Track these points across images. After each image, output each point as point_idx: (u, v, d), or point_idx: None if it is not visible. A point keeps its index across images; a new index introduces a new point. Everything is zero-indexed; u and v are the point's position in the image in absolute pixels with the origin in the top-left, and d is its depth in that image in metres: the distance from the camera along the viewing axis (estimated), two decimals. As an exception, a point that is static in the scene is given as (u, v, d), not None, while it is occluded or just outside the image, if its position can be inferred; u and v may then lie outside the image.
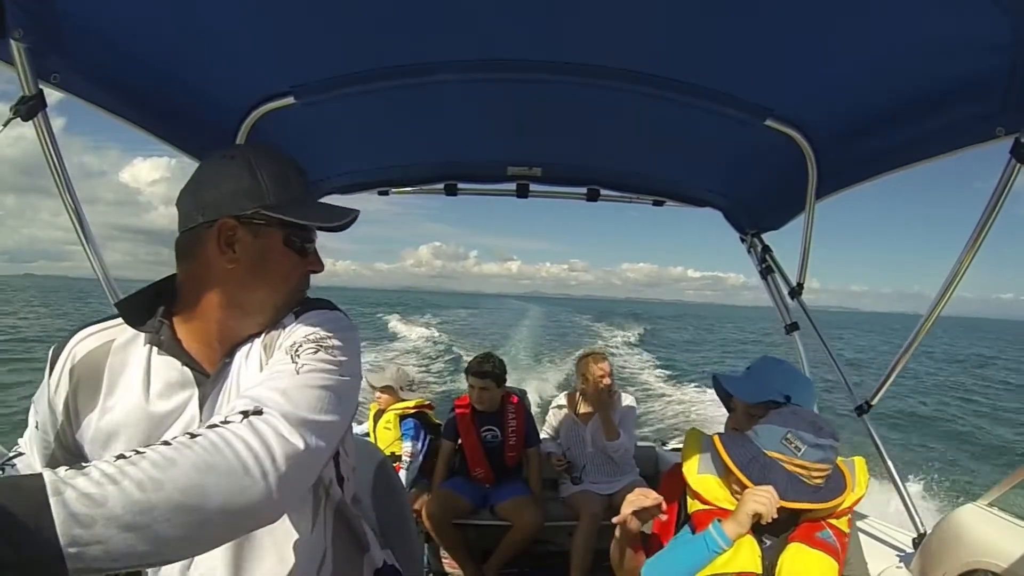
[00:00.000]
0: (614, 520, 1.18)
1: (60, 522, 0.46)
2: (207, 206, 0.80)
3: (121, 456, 0.54)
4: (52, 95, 1.24)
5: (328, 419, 0.71)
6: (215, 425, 0.62)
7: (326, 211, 0.86)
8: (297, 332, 0.81)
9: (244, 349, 0.85)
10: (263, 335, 0.86)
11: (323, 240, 0.91)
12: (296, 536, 0.85)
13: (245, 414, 0.64)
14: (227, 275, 0.81)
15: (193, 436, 0.59)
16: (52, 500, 0.47)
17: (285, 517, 0.82)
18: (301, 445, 0.64)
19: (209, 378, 0.82)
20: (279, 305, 0.86)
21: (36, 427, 0.86)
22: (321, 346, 0.78)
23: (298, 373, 0.73)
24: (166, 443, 0.57)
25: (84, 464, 0.52)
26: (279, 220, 0.81)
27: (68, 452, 0.85)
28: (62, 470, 0.50)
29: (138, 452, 0.55)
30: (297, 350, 0.77)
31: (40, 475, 0.48)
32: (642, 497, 1.12)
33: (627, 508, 1.13)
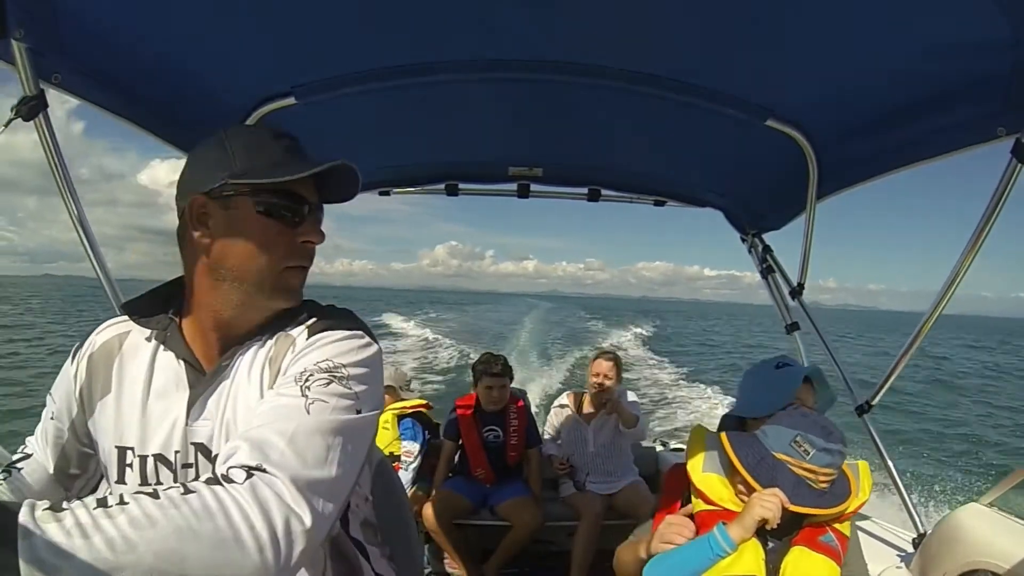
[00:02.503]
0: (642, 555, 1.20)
1: (24, 565, 0.45)
2: (184, 190, 0.79)
3: (103, 502, 0.51)
4: (69, 100, 1.25)
5: (339, 473, 0.66)
6: (215, 480, 0.58)
7: (298, 167, 0.79)
8: (308, 356, 0.75)
9: (246, 358, 0.80)
10: (268, 344, 0.81)
11: (338, 241, 0.85)
12: None
13: (248, 471, 0.59)
14: (206, 252, 0.78)
15: (187, 491, 0.55)
16: (20, 543, 0.46)
17: None
18: (308, 517, 0.60)
19: (204, 377, 0.80)
20: (266, 283, 0.78)
21: (52, 417, 0.87)
22: (335, 376, 0.72)
23: (308, 412, 0.67)
24: (155, 494, 0.53)
25: (64, 506, 0.49)
26: (247, 187, 0.76)
27: (80, 443, 0.87)
28: (40, 508, 0.48)
29: (122, 501, 0.52)
30: (307, 380, 0.71)
31: (17, 513, 0.47)
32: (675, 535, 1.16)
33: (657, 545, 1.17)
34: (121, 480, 0.81)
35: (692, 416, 8.86)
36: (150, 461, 0.80)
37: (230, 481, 0.58)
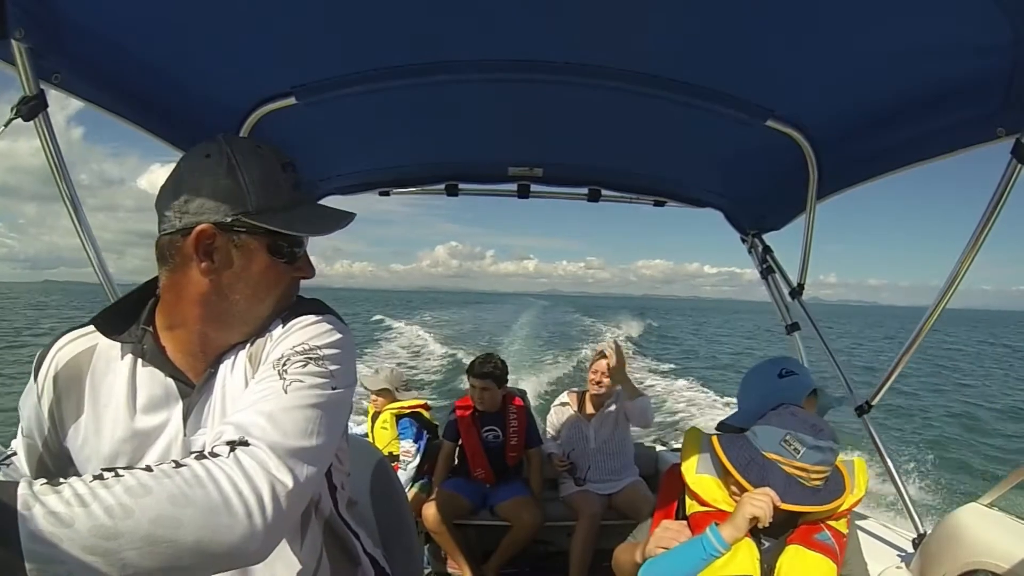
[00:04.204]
0: (638, 559, 1.20)
1: (25, 538, 0.46)
2: (184, 210, 0.75)
3: (99, 476, 0.53)
4: (69, 105, 1.25)
5: (318, 442, 0.69)
6: (202, 456, 0.60)
7: (315, 216, 0.81)
8: (284, 343, 0.77)
9: (229, 359, 0.81)
10: (248, 344, 0.82)
11: (337, 243, 0.86)
12: (282, 556, 0.82)
13: (232, 445, 0.62)
14: (206, 285, 0.77)
15: (178, 465, 0.57)
16: (20, 514, 0.47)
17: None
18: (289, 481, 0.62)
19: (195, 389, 0.80)
20: (265, 315, 0.82)
21: (25, 435, 0.83)
22: (310, 358, 0.74)
23: (286, 392, 0.70)
24: (148, 468, 0.56)
25: (61, 480, 0.51)
26: (264, 230, 0.77)
27: (56, 459, 0.83)
28: (38, 484, 0.50)
29: (117, 474, 0.54)
30: (284, 364, 0.73)
31: (16, 485, 0.49)
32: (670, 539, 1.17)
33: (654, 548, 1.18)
34: None
35: (691, 414, 8.87)
36: None
37: (216, 456, 0.61)
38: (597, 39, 1.28)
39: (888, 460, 1.74)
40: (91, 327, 0.83)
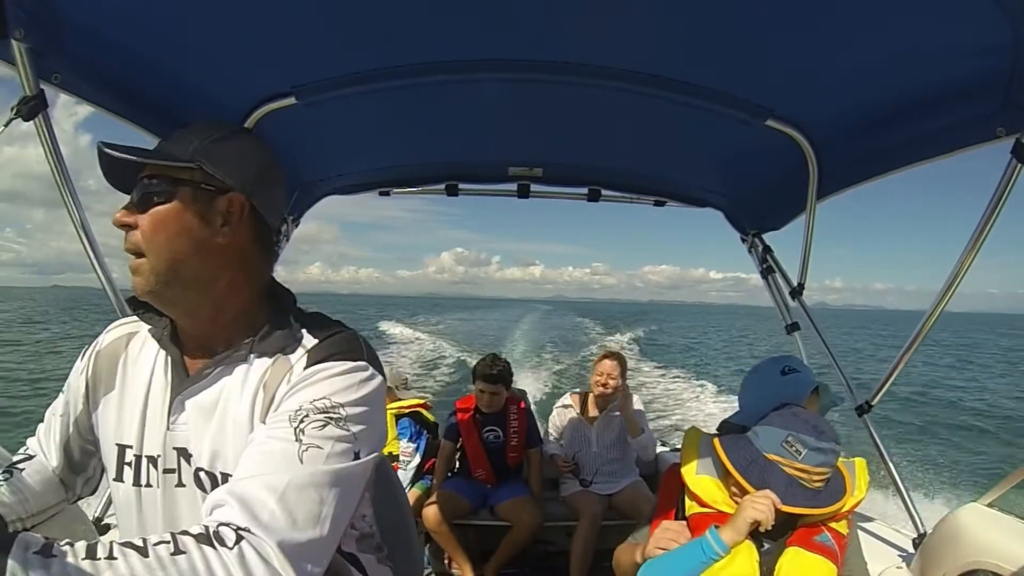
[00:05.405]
0: (638, 559, 1.19)
1: None
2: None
3: (92, 552, 0.51)
4: (78, 112, 1.25)
5: (331, 528, 0.65)
6: (205, 539, 0.57)
7: None
8: (304, 392, 0.72)
9: (238, 373, 0.77)
10: (262, 365, 0.77)
11: (344, 249, 0.86)
12: None
13: (238, 535, 0.58)
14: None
15: (177, 551, 0.55)
16: None
17: None
18: None
19: (186, 380, 0.79)
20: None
21: (60, 414, 0.89)
22: (331, 417, 0.69)
23: (301, 461, 0.65)
24: (144, 551, 0.53)
25: (54, 550, 0.50)
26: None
27: (83, 439, 0.88)
28: (31, 551, 0.48)
29: (111, 555, 0.52)
30: (302, 421, 0.68)
31: (10, 546, 0.48)
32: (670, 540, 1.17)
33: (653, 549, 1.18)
34: (119, 478, 0.82)
35: (691, 413, 8.87)
36: (144, 462, 0.80)
37: (221, 542, 0.58)
38: (597, 39, 1.28)
39: (888, 460, 1.74)
40: (135, 318, 0.88)
